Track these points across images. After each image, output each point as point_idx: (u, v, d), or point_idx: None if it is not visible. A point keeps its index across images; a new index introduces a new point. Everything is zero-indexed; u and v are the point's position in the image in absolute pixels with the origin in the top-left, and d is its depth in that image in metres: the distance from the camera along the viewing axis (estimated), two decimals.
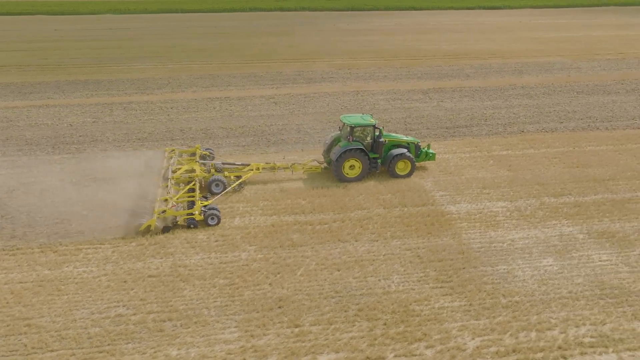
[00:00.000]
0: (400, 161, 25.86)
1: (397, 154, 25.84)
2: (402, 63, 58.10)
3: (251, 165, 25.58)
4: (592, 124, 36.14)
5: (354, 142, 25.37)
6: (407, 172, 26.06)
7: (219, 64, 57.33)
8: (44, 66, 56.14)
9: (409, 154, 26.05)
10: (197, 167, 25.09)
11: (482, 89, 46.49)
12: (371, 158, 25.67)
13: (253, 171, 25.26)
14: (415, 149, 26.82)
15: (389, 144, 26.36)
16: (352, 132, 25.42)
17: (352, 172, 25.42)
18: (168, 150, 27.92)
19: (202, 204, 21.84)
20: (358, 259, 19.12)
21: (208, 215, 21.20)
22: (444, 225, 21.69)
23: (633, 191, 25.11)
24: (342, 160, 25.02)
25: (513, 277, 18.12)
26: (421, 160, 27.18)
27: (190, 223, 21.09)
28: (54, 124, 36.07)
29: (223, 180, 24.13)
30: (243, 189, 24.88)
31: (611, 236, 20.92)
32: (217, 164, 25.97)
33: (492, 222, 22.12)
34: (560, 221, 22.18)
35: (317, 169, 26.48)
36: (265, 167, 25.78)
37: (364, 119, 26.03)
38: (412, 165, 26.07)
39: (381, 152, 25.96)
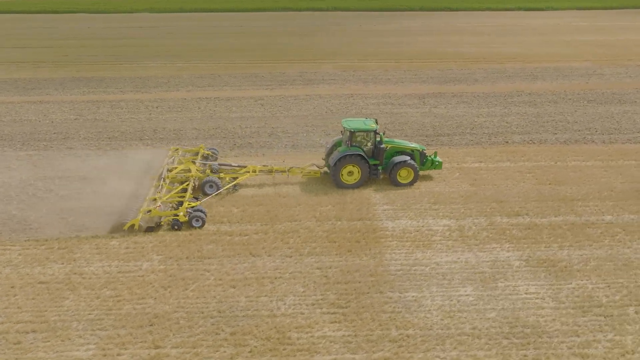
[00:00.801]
0: (403, 169, 24.78)
1: (398, 161, 24.77)
2: (413, 66, 56.01)
3: (248, 168, 25.31)
4: (588, 137, 33.27)
5: (353, 148, 24.58)
6: (410, 181, 24.93)
7: (226, 64, 57.17)
8: (58, 63, 57.78)
9: (411, 162, 24.90)
10: (193, 167, 24.90)
11: (485, 95, 44.00)
12: (371, 164, 24.80)
13: (249, 173, 24.96)
14: (420, 156, 25.57)
15: (392, 150, 25.36)
16: (351, 137, 24.64)
17: (351, 179, 24.59)
18: (172, 149, 27.96)
19: (189, 205, 21.55)
20: (260, 276, 18.05)
21: (192, 217, 20.91)
22: (370, 243, 20.23)
23: (600, 214, 22.68)
24: (340, 165, 24.29)
25: (419, 306, 16.54)
26: (426, 168, 25.90)
27: (174, 224, 20.87)
28: (37, 120, 36.80)
29: (216, 181, 23.89)
30: (237, 191, 24.45)
31: (551, 265, 18.83)
32: (214, 164, 25.78)
33: (425, 242, 20.45)
34: (501, 245, 20.22)
35: (316, 173, 25.76)
36: (262, 170, 25.38)
37: (365, 123, 25.08)
38: (415, 173, 24.93)
39: (382, 159, 24.99)
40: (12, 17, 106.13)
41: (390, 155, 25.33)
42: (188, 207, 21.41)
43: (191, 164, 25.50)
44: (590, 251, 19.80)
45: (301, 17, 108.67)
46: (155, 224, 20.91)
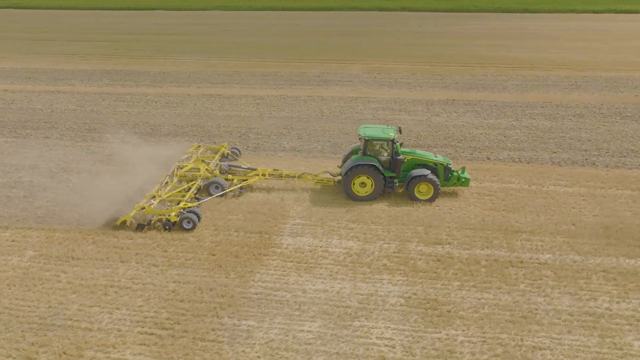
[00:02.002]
0: (422, 184, 22.69)
1: (417, 175, 22.67)
2: (446, 70, 52.46)
3: (257, 171, 24.48)
4: (592, 158, 28.75)
5: (368, 157, 22.93)
6: (430, 197, 22.78)
7: (256, 61, 57.11)
8: (106, 55, 61.05)
9: (432, 177, 22.66)
10: (202, 167, 24.44)
11: (504, 104, 39.90)
12: (387, 176, 22.92)
13: (259, 177, 24.14)
14: (445, 171, 23.35)
15: (412, 162, 23.38)
16: (366, 145, 23.04)
17: (363, 190, 22.93)
18: (195, 146, 27.80)
19: (184, 206, 20.99)
20: (110, 284, 17.20)
21: (183, 219, 20.23)
22: (249, 260, 18.63)
23: (538, 252, 19.22)
24: (351, 175, 22.67)
25: (247, 337, 14.80)
26: (451, 185, 23.50)
27: (165, 224, 20.31)
28: (41, 108, 38.79)
29: (222, 183, 23.32)
30: (243, 194, 23.64)
31: (433, 308, 16.11)
32: (224, 165, 25.11)
33: (310, 264, 18.46)
34: (393, 277, 17.71)
35: (329, 181, 24.23)
36: (272, 174, 24.36)
37: (383, 131, 23.27)
38: (435, 189, 22.73)
39: (399, 171, 23.08)
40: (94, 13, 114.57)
41: (410, 167, 23.33)
42: (182, 208, 20.80)
43: (201, 162, 24.92)
44: (493, 295, 16.71)
45: (363, 16, 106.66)
46: (147, 223, 20.44)
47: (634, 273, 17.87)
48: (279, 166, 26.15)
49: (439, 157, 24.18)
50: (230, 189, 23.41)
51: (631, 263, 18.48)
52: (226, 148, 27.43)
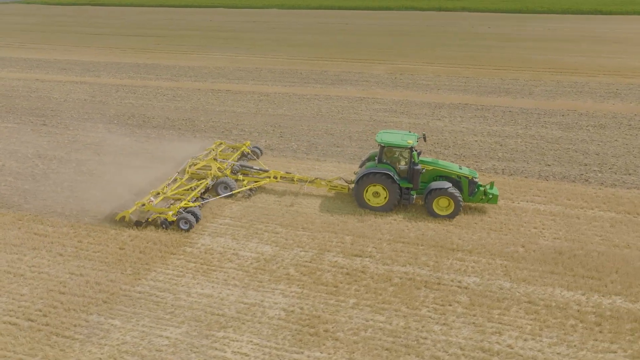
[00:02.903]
0: (442, 198, 20.59)
1: (436, 187, 20.55)
2: (475, 73, 49.50)
3: (269, 173, 23.35)
4: (587, 174, 25.62)
5: (383, 165, 21.16)
6: (450, 213, 20.64)
7: (283, 59, 56.91)
8: (146, 50, 63.43)
9: (452, 191, 20.45)
10: (214, 165, 23.72)
11: (520, 110, 36.83)
12: (403, 187, 21.04)
13: (270, 179, 23.03)
14: (470, 185, 21.10)
15: (433, 173, 21.38)
16: (382, 152, 21.24)
17: (377, 201, 21.20)
18: (216, 143, 27.30)
19: (185, 205, 20.25)
20: (6, 271, 17.26)
21: (180, 219, 19.47)
22: (154, 257, 18.07)
23: (467, 274, 17.14)
24: (363, 184, 21.04)
25: (101, 337, 14.23)
26: (476, 201, 21.15)
27: (163, 223, 19.68)
28: (57, 97, 40.66)
29: (230, 183, 22.45)
30: (252, 196, 22.72)
31: (312, 325, 14.72)
32: (235, 165, 24.17)
33: (211, 267, 17.61)
34: (289, 288, 16.45)
35: (343, 189, 22.58)
36: (284, 177, 23.14)
37: (402, 138, 21.22)
38: (456, 204, 20.50)
39: (416, 182, 21.05)
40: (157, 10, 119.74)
41: (431, 179, 21.40)
42: (182, 207, 20.09)
43: (213, 161, 24.34)
44: (385, 318, 15.01)
45: (417, 16, 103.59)
46: (145, 220, 19.92)
47: (563, 307, 15.44)
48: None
49: (465, 169, 21.73)
50: (239, 190, 22.43)
51: (566, 296, 16.02)
52: (247, 147, 26.59)
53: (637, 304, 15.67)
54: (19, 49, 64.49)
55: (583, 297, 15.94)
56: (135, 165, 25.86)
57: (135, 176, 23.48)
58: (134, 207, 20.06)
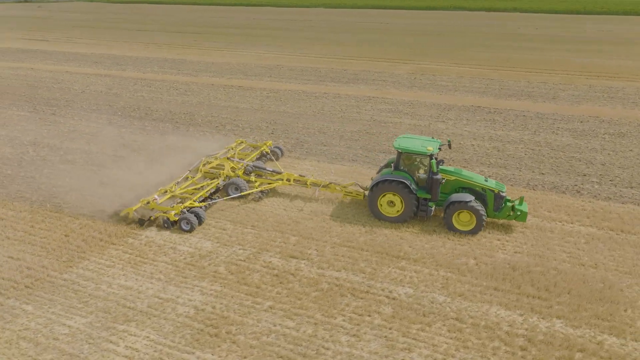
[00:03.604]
0: (463, 212, 18.67)
1: (456, 200, 18.65)
2: (502, 75, 47.20)
3: (282, 175, 22.24)
4: (583, 186, 23.54)
5: (399, 173, 19.43)
6: (472, 228, 18.70)
7: (309, 57, 56.66)
8: (180, 45, 65.11)
9: (474, 204, 18.49)
10: (227, 165, 22.93)
11: (537, 115, 34.65)
12: (420, 198, 19.28)
13: (282, 182, 21.91)
14: (496, 199, 19.05)
15: (455, 184, 19.47)
16: (399, 159, 19.57)
17: (392, 211, 19.56)
18: (238, 141, 26.41)
19: (190, 205, 19.52)
20: None
21: (182, 219, 18.87)
22: (94, 246, 18.10)
23: (398, 283, 15.99)
24: (377, 192, 19.44)
25: (7, 322, 14.28)
26: (502, 217, 19.11)
27: (165, 222, 19.12)
28: (76, 88, 42.25)
29: (240, 184, 21.42)
30: (263, 198, 21.76)
31: (213, 326, 14.16)
32: (249, 166, 23.19)
33: (145, 259, 17.41)
34: (211, 285, 15.97)
35: (358, 195, 21.13)
36: (297, 180, 21.94)
37: (423, 144, 19.32)
38: (478, 220, 18.52)
39: (435, 193, 19.16)
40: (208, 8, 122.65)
41: (453, 190, 19.51)
42: (185, 207, 19.39)
43: (226, 160, 23.43)
44: (296, 324, 14.17)
45: (463, 16, 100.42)
46: (147, 218, 19.35)
47: (492, 328, 14.05)
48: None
49: (491, 181, 19.73)
50: (249, 192, 21.44)
51: (501, 315, 14.58)
52: (268, 146, 25.78)
53: (578, 329, 14.02)
54: (65, 43, 67.84)
55: (519, 318, 14.46)
56: (118, 155, 26.32)
57: (112, 169, 23.88)
58: (139, 204, 19.43)
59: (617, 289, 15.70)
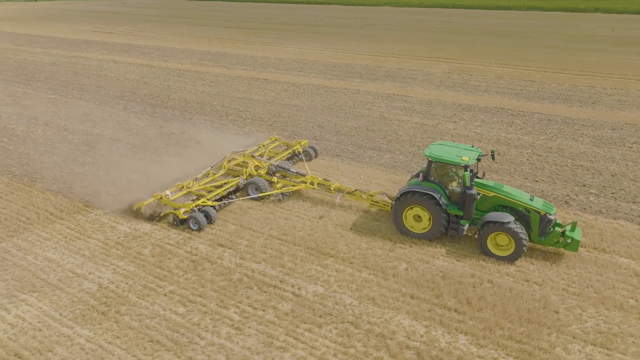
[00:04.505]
0: (500, 234, 15.98)
1: (493, 220, 15.94)
2: (547, 77, 43.89)
3: (306, 178, 20.48)
4: (577, 197, 21.17)
5: (428, 184, 17.15)
6: (510, 254, 15.98)
7: (354, 53, 55.88)
8: (229, 40, 66.79)
9: (514, 226, 15.73)
10: (251, 163, 21.73)
11: (565, 119, 31.84)
12: (452, 214, 16.83)
13: (306, 185, 20.19)
14: (541, 222, 16.23)
15: (494, 201, 16.86)
16: (429, 168, 17.20)
17: (418, 226, 17.31)
18: (272, 138, 25.11)
19: (202, 203, 18.59)
20: None
21: (190, 218, 17.91)
22: (43, 221, 18.79)
23: (312, 280, 15.12)
24: (403, 204, 17.24)
25: None
26: (549, 243, 16.25)
27: (174, 219, 18.28)
28: (112, 76, 44.47)
29: (260, 184, 20.10)
30: (283, 201, 20.26)
31: (105, 304, 14.13)
32: (272, 166, 21.76)
33: (84, 236, 17.83)
34: (127, 265, 15.95)
35: (385, 206, 18.97)
36: (321, 184, 20.14)
37: (458, 153, 16.87)
38: (517, 245, 15.78)
39: (468, 210, 16.45)
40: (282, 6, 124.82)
41: (492, 208, 16.96)
42: (197, 206, 18.45)
43: (250, 158, 22.08)
44: (185, 311, 13.80)
45: (536, 17, 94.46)
46: (158, 214, 18.66)
47: (386, 336, 12.82)
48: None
49: (538, 200, 16.89)
50: (269, 193, 20.11)
51: (402, 324, 13.28)
52: (303, 145, 24.48)
53: (482, 349, 12.49)
54: (126, 36, 71.73)
55: (422, 330, 13.14)
56: (115, 138, 27.30)
57: (102, 151, 24.91)
58: (152, 199, 18.71)
59: (552, 310, 13.84)
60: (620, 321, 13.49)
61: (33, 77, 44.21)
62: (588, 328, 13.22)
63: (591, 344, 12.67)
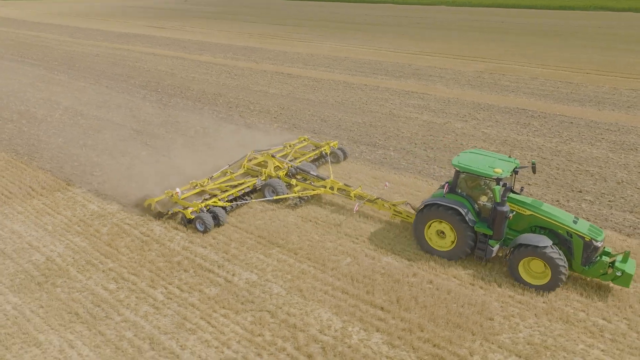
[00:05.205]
0: (535, 259, 13.83)
1: (527, 243, 13.80)
2: (588, 79, 41.30)
3: (326, 182, 18.93)
4: (564, 202, 19.71)
5: (454, 197, 15.21)
6: (545, 283, 13.78)
7: (388, 51, 55.10)
8: (271, 36, 67.72)
9: (551, 252, 13.53)
10: (271, 163, 20.39)
11: (590, 122, 29.82)
12: (478, 232, 14.84)
13: (325, 189, 18.75)
14: (585, 249, 13.84)
15: (531, 221, 14.56)
16: (456, 179, 15.22)
17: (441, 243, 15.41)
18: (301, 138, 23.75)
19: (213, 203, 17.64)
20: None
21: (197, 219, 16.99)
22: (25, 197, 19.81)
23: (243, 267, 14.93)
24: (424, 218, 15.43)
25: None
26: (594, 274, 13.89)
27: (182, 219, 17.45)
28: (144, 67, 46.19)
29: (277, 187, 18.84)
30: (300, 205, 18.87)
31: (51, 275, 14.63)
32: (292, 167, 20.41)
33: (53, 212, 18.61)
34: (81, 242, 16.47)
35: (409, 218, 17.05)
36: (341, 189, 18.61)
37: (491, 164, 14.68)
38: (554, 273, 13.53)
39: (499, 230, 14.38)
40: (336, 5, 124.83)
41: (528, 228, 14.68)
42: (207, 205, 17.52)
43: (270, 158, 20.75)
44: (115, 287, 14.05)
45: (601, 17, 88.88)
46: (167, 212, 17.92)
47: (299, 328, 12.43)
48: None
49: (583, 222, 14.42)
50: (285, 196, 18.71)
51: (322, 317, 12.85)
52: (331, 147, 23.04)
53: (394, 349, 11.86)
54: (175, 30, 74.32)
55: (339, 325, 12.64)
56: (120, 124, 28.36)
57: (105, 135, 25.99)
58: (163, 196, 18.05)
59: (486, 316, 12.92)
60: (559, 334, 12.37)
61: (73, 66, 46.74)
62: (519, 338, 12.22)
63: (515, 355, 11.70)
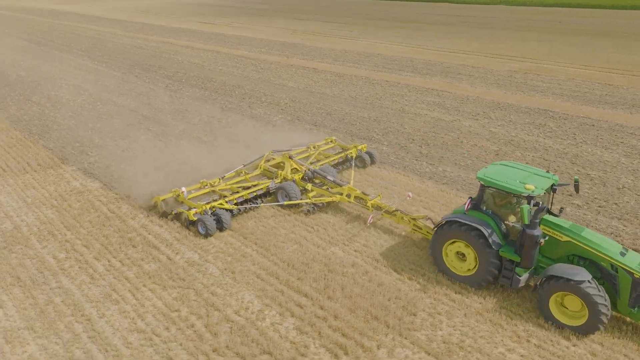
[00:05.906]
0: (569, 295, 11.69)
1: (558, 275, 11.69)
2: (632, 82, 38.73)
3: (343, 189, 17.51)
4: (565, 208, 18.53)
5: (477, 215, 13.28)
6: (582, 325, 11.61)
7: (425, 49, 54.01)
8: (314, 33, 68.17)
9: (590, 287, 11.36)
10: (288, 165, 19.17)
11: (611, 125, 28.00)
12: (504, 258, 12.86)
13: (341, 197, 17.37)
14: (634, 287, 11.56)
15: (568, 248, 12.36)
16: (482, 195, 13.27)
17: (461, 267, 13.53)
18: (327, 139, 22.52)
19: (219, 205, 16.71)
20: None
21: (198, 221, 16.16)
22: (17, 173, 21.11)
23: (217, 260, 15.18)
24: (442, 236, 13.67)
25: None
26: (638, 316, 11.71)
27: (185, 220, 16.66)
28: (179, 59, 47.77)
29: (290, 191, 17.58)
30: (313, 213, 17.55)
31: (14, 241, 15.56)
32: (309, 171, 19.02)
33: (40, 186, 19.72)
34: (50, 214, 17.38)
35: (429, 234, 14.96)
36: (358, 197, 17.11)
37: (523, 179, 12.63)
38: (592, 314, 11.38)
39: (528, 256, 12.36)
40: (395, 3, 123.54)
41: (564, 257, 12.54)
42: (210, 208, 16.59)
43: (288, 159, 19.55)
44: (90, 279, 14.71)
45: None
46: (170, 212, 17.19)
47: (213, 307, 12.52)
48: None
49: (633, 254, 12.14)
50: (298, 202, 17.50)
51: (243, 300, 12.86)
52: (359, 150, 21.46)
53: (302, 335, 11.67)
54: (222, 26, 76.16)
55: (258, 307, 12.62)
56: (132, 109, 29.60)
57: (115, 120, 27.27)
58: (169, 194, 17.37)
59: (410, 312, 12.46)
60: (482, 336, 11.72)
61: (114, 57, 49.13)
62: (437, 336, 11.70)
63: (425, 352, 11.21)
